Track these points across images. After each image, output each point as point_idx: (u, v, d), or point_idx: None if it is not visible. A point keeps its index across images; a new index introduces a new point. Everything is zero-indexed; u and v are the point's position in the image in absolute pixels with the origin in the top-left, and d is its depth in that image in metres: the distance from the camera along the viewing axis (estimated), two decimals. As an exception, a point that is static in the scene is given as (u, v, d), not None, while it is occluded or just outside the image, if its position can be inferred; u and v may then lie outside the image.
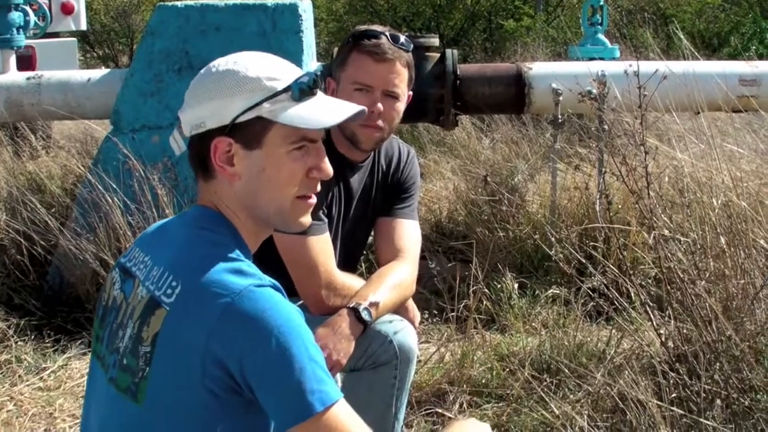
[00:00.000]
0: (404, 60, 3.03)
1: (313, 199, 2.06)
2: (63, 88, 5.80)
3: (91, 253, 4.94)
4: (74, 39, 10.58)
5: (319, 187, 2.07)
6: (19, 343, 4.83)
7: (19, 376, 4.56)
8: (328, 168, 2.05)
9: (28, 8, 6.11)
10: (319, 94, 2.03)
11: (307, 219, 2.07)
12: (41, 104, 5.76)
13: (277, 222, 2.05)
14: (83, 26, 10.25)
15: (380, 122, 3.01)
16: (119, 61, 18.00)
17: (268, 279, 1.91)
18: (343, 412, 1.85)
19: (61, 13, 9.71)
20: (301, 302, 3.00)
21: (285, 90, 1.96)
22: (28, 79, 5.85)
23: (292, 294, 2.96)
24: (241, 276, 1.88)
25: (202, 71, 2.03)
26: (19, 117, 6.02)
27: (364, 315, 2.84)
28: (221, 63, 2.01)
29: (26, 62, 8.02)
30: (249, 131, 1.96)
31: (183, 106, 2.02)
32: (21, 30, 6.04)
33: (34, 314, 5.10)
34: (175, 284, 1.89)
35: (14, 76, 5.94)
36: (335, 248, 3.08)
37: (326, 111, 2.01)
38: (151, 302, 1.93)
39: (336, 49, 3.26)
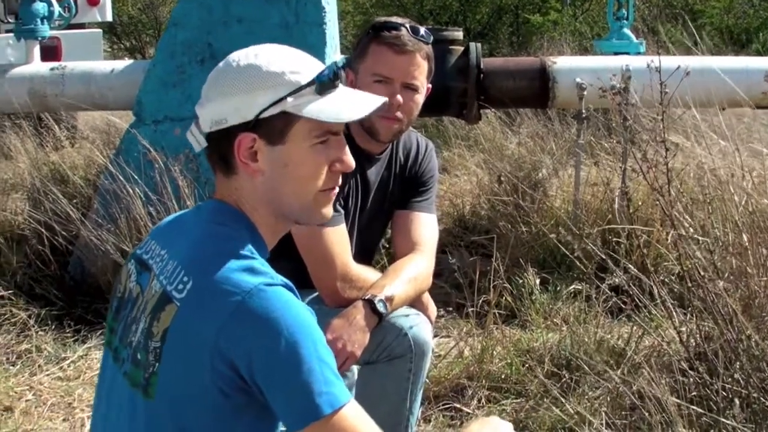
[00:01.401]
0: (424, 52, 3.01)
1: (335, 191, 2.04)
2: (86, 79, 5.82)
3: (111, 243, 4.95)
4: (99, 30, 10.59)
5: (340, 180, 2.05)
6: (40, 332, 4.85)
7: (39, 365, 4.58)
8: (351, 161, 2.02)
9: (52, -1, 6.12)
10: (341, 86, 2.00)
11: (329, 210, 2.04)
12: (64, 95, 5.78)
13: (301, 216, 2.03)
14: (109, 17, 10.28)
15: (399, 114, 2.99)
16: (146, 53, 18.01)
17: (279, 278, 1.88)
18: (352, 414, 1.82)
19: (86, 4, 9.73)
20: (316, 294, 2.99)
21: (309, 84, 1.93)
22: (51, 69, 5.87)
23: (308, 286, 2.97)
24: (252, 274, 1.85)
25: (220, 65, 2.00)
26: (42, 107, 6.03)
27: (380, 307, 2.82)
28: (241, 57, 1.97)
29: (52, 53, 8.03)
30: (273, 126, 1.93)
31: (201, 101, 1.98)
32: (45, 20, 6.04)
33: (55, 304, 5.12)
34: (187, 280, 1.87)
35: (38, 66, 5.96)
36: (351, 240, 3.06)
37: (351, 104, 1.99)
38: (162, 297, 1.91)
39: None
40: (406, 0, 15.71)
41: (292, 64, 1.95)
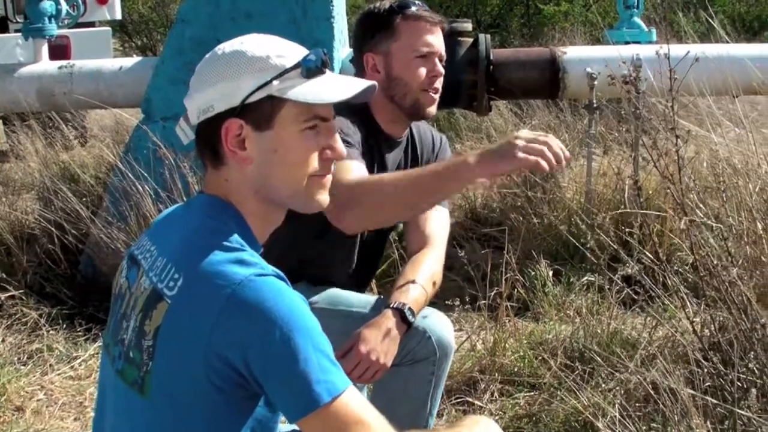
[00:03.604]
0: (443, 25, 3.06)
1: (328, 178, 2.02)
2: (95, 77, 5.82)
3: (122, 241, 4.94)
4: (108, 28, 10.59)
5: (332, 167, 2.03)
6: (51, 332, 4.84)
7: (50, 365, 4.57)
8: (341, 148, 2.00)
9: (60, -3, 6.11)
10: (328, 72, 1.99)
11: (324, 197, 2.02)
12: (73, 93, 5.77)
13: (294, 203, 2.00)
14: (118, 16, 10.28)
15: (438, 85, 3.02)
16: (157, 51, 17.92)
17: (270, 268, 1.86)
18: (351, 401, 1.80)
19: (96, 2, 9.74)
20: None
21: (294, 67, 1.92)
22: (60, 68, 5.86)
23: (321, 282, 2.95)
24: (242, 266, 1.83)
25: (207, 55, 1.99)
26: (50, 106, 6.03)
27: (408, 315, 2.79)
28: (227, 46, 1.97)
29: (61, 52, 8.04)
30: (259, 112, 1.91)
31: (189, 92, 1.97)
32: (53, 19, 6.04)
33: (66, 303, 5.11)
34: (177, 276, 1.85)
35: (46, 65, 5.95)
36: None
37: (337, 86, 1.97)
38: (153, 294, 1.88)
39: (357, 26, 3.20)
40: (416, -7, 15.63)
41: (277, 49, 1.94)
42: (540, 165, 2.38)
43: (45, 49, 6.05)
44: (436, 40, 3.01)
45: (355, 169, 2.77)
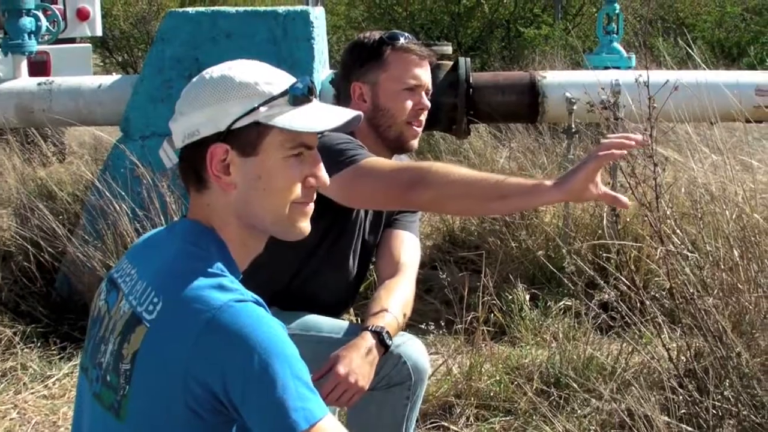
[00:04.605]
0: (432, 59, 3.08)
1: (310, 206, 2.01)
2: (74, 94, 5.78)
3: (98, 260, 4.91)
4: (89, 45, 10.59)
5: (315, 196, 2.02)
6: (25, 350, 4.81)
7: (24, 383, 4.54)
8: (325, 176, 2.00)
9: (40, 13, 6.08)
10: (314, 101, 1.98)
11: (306, 225, 2.01)
12: (52, 110, 5.74)
13: (275, 230, 1.99)
14: (98, 32, 10.26)
15: (422, 119, 3.04)
16: (138, 68, 17.91)
17: (250, 294, 1.85)
18: (329, 428, 1.79)
19: (76, 18, 9.71)
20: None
21: (282, 94, 1.91)
22: (39, 84, 5.83)
23: (298, 307, 2.93)
24: (221, 291, 1.82)
25: (194, 79, 1.98)
26: (29, 123, 6.00)
27: (386, 339, 2.78)
28: (215, 70, 1.96)
29: (41, 68, 8.01)
30: (245, 137, 1.90)
31: (174, 116, 1.96)
32: (32, 35, 6.01)
33: (41, 321, 5.08)
34: (157, 301, 1.84)
35: (25, 81, 5.92)
36: (357, 252, 3.08)
37: (323, 115, 1.97)
38: (132, 318, 1.87)
39: (346, 55, 3.20)
40: (398, 15, 15.72)
41: (265, 75, 1.94)
42: (616, 155, 2.33)
43: (24, 66, 6.01)
44: (424, 74, 3.03)
45: (395, 161, 2.87)
